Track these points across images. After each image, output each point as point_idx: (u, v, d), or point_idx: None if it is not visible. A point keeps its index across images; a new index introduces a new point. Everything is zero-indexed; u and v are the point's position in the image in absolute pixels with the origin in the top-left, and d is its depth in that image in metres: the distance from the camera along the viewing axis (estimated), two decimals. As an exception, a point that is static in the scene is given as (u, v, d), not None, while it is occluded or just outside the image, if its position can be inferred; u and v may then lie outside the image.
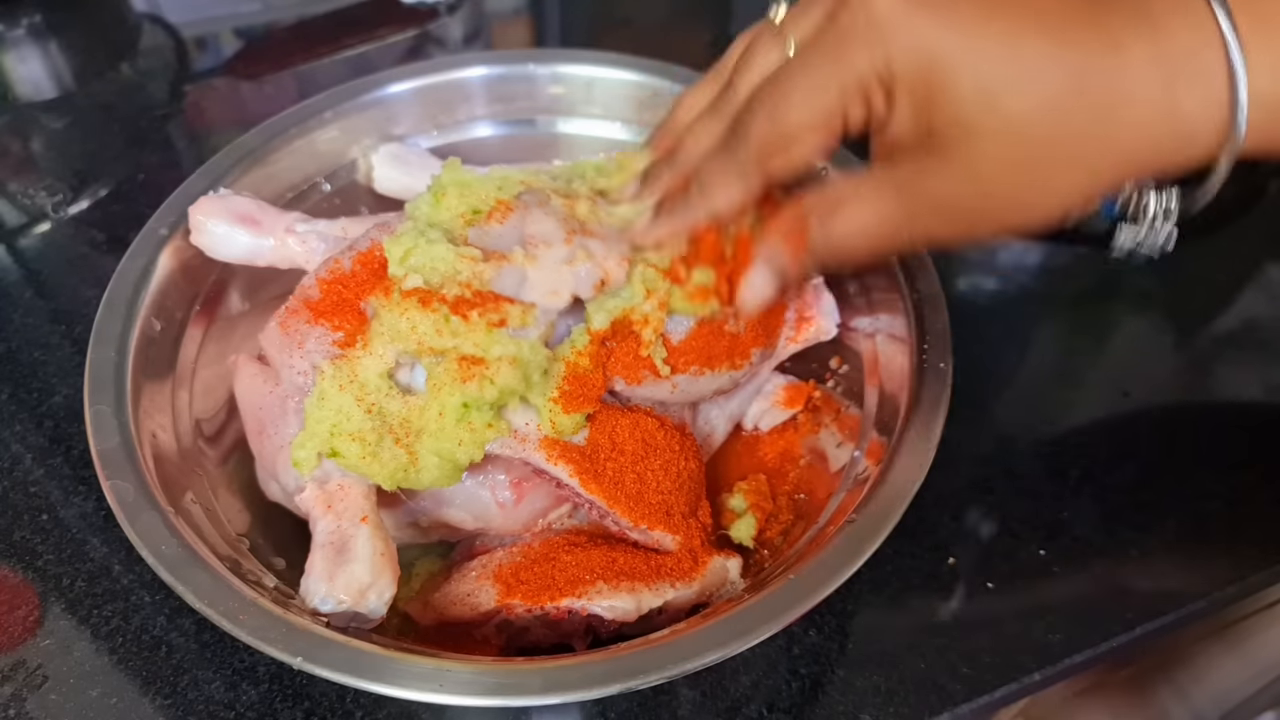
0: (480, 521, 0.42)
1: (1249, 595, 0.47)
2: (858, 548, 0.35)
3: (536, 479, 0.41)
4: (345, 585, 0.35)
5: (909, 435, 0.39)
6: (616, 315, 0.39)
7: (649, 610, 0.38)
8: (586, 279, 0.38)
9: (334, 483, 0.37)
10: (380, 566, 0.35)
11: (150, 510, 0.36)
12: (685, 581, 0.39)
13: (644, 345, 0.39)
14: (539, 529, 0.43)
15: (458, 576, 0.41)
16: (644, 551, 0.40)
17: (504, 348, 0.37)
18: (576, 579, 0.39)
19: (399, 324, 0.37)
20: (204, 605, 0.33)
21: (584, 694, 0.32)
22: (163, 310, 0.44)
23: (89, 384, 0.39)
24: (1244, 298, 0.61)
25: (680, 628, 0.35)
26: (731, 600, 0.37)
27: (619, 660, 0.33)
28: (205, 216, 0.44)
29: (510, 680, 0.32)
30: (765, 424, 0.48)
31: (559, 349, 0.39)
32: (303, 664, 0.31)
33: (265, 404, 0.40)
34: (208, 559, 0.35)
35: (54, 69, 0.75)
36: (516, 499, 0.41)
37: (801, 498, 0.45)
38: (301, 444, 0.38)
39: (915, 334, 0.43)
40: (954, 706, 0.41)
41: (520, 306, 0.38)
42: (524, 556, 0.40)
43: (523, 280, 0.38)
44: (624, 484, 0.40)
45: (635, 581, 0.39)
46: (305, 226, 0.44)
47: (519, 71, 0.56)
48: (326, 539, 0.36)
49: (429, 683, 0.32)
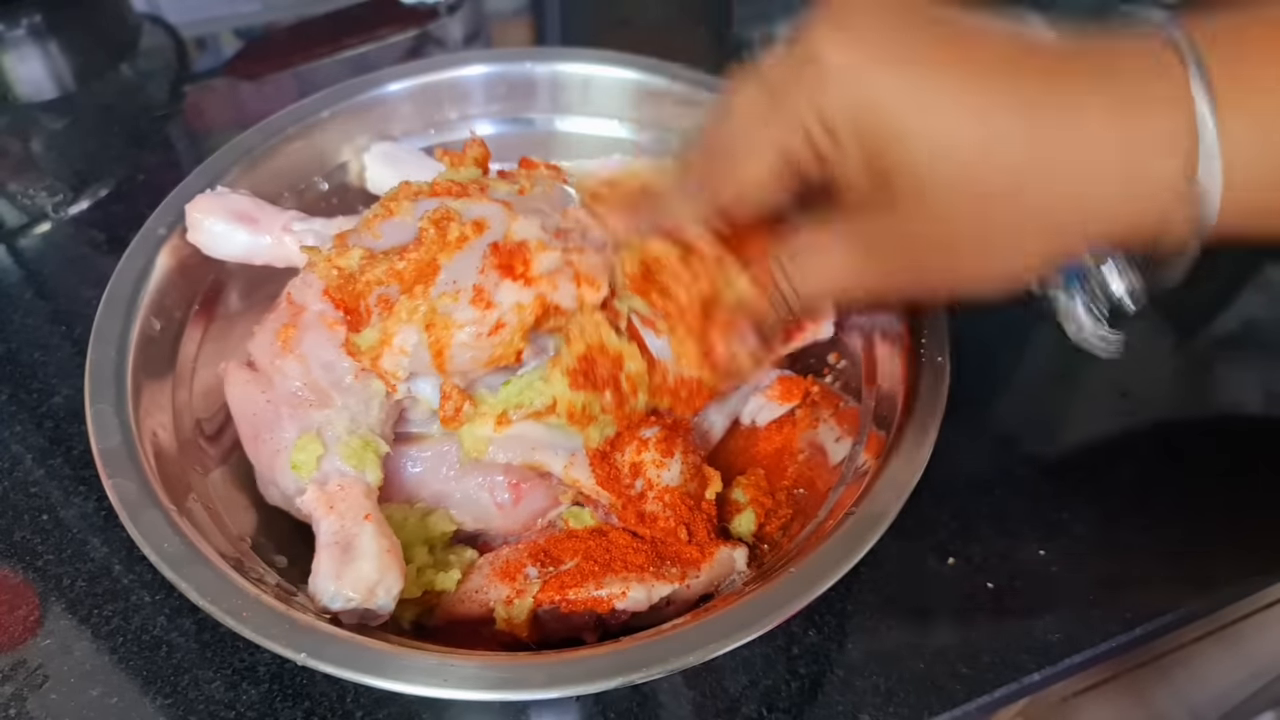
0: (480, 523, 0.42)
1: (1248, 595, 0.47)
2: (858, 541, 0.36)
3: (536, 480, 0.41)
4: (353, 583, 0.35)
5: (908, 429, 0.39)
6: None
7: (659, 600, 0.39)
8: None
9: (334, 483, 0.38)
10: (387, 563, 0.36)
11: (152, 508, 0.36)
12: (694, 571, 0.40)
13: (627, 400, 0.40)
14: (538, 528, 0.43)
15: (465, 574, 0.41)
16: (649, 542, 0.40)
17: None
18: (586, 572, 0.39)
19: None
20: (207, 603, 0.33)
21: (587, 687, 0.32)
22: (162, 310, 0.44)
23: (90, 383, 0.39)
24: (1244, 298, 0.62)
25: (681, 622, 0.35)
26: (733, 594, 0.37)
27: (621, 654, 0.33)
28: (202, 214, 0.44)
29: (513, 674, 0.32)
30: (762, 419, 0.48)
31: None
32: (306, 660, 0.32)
33: (259, 410, 0.40)
34: (210, 557, 0.35)
35: (54, 69, 0.75)
36: (515, 500, 0.41)
37: (801, 492, 0.45)
38: (301, 447, 0.38)
39: (913, 329, 0.43)
40: (954, 706, 0.41)
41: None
42: (530, 552, 0.41)
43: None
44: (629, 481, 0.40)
45: (644, 572, 0.39)
46: (302, 225, 0.44)
47: (517, 70, 0.56)
48: (331, 539, 0.36)
49: (432, 677, 0.32)
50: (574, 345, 0.38)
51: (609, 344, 0.39)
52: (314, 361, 0.40)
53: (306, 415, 0.39)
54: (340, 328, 0.40)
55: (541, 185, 0.44)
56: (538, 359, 0.40)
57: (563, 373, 0.38)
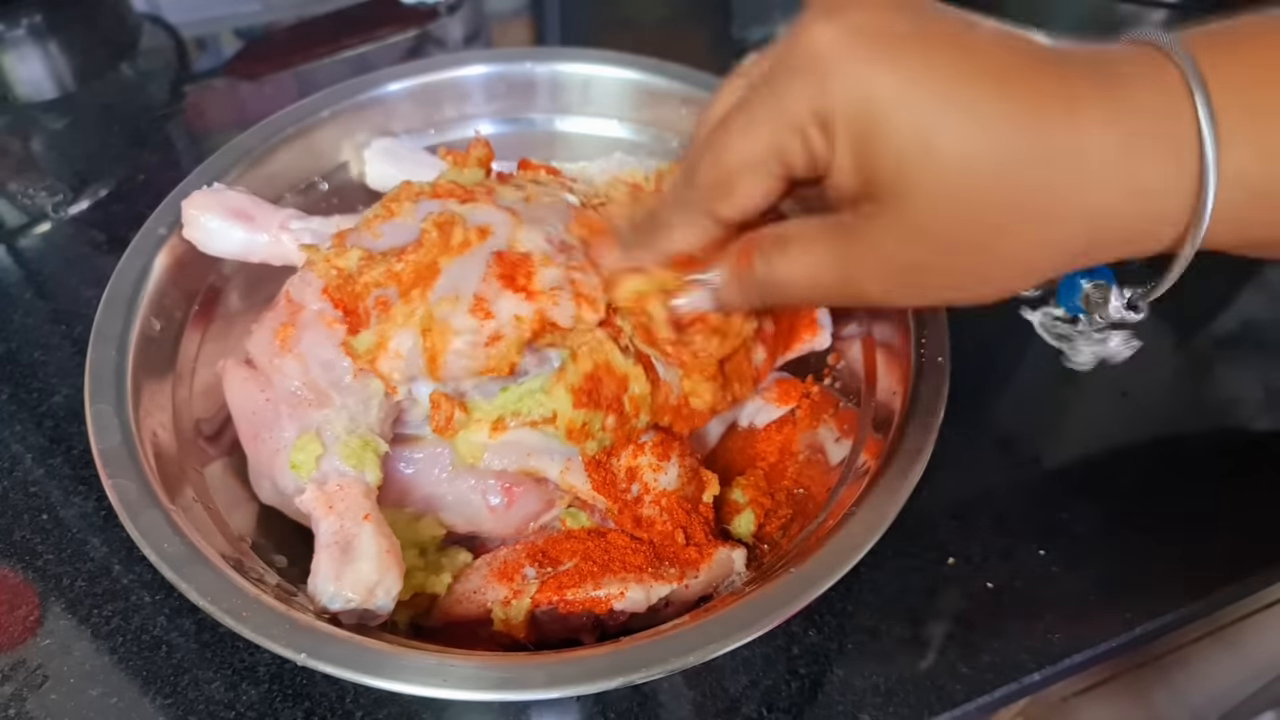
0: (472, 525, 0.42)
1: (1247, 595, 0.47)
2: (859, 541, 0.35)
3: (529, 483, 0.41)
4: (353, 583, 0.35)
5: (909, 429, 0.39)
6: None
7: (658, 601, 0.39)
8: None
9: (333, 483, 0.38)
10: (386, 563, 0.36)
11: (152, 508, 0.36)
12: (692, 571, 0.40)
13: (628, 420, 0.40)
14: (530, 531, 0.43)
15: (463, 575, 0.41)
16: (648, 543, 0.40)
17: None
18: (584, 572, 0.39)
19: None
20: (207, 603, 0.33)
21: (587, 687, 0.32)
22: (162, 309, 0.44)
23: (89, 383, 0.39)
24: (1244, 298, 0.62)
25: (681, 622, 0.35)
26: (734, 594, 0.37)
27: (620, 654, 0.33)
28: (198, 210, 0.44)
29: (513, 675, 0.32)
30: (760, 420, 0.48)
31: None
32: (306, 660, 0.32)
33: (258, 409, 0.40)
34: (210, 557, 0.35)
35: (54, 69, 0.75)
36: (508, 503, 0.41)
37: (800, 492, 0.45)
38: (301, 447, 0.38)
39: (913, 329, 0.43)
40: (954, 706, 0.41)
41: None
42: (528, 553, 0.40)
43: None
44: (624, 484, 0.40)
45: (642, 573, 0.39)
46: (299, 223, 0.44)
47: (517, 70, 0.56)
48: (331, 539, 0.36)
49: (432, 677, 0.32)
50: (581, 363, 0.38)
51: (616, 365, 0.38)
52: (312, 360, 0.40)
53: (305, 415, 0.39)
54: (340, 326, 0.40)
55: (548, 194, 0.44)
56: (539, 369, 0.39)
57: (566, 390, 0.38)
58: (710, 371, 0.40)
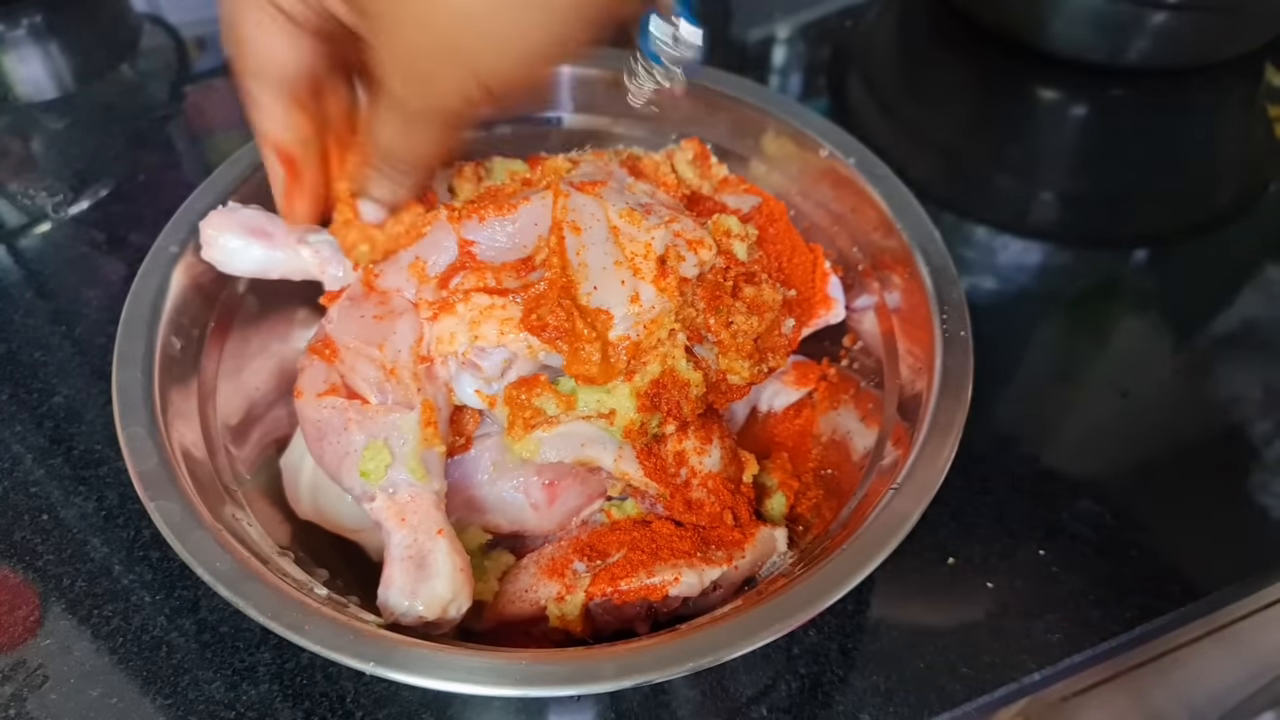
0: (515, 524, 0.42)
1: (1247, 595, 0.47)
2: (905, 515, 0.36)
3: (569, 479, 0.41)
4: (428, 601, 0.35)
5: (943, 402, 0.40)
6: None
7: (709, 584, 0.39)
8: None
9: (404, 494, 0.37)
10: (460, 581, 0.36)
11: (198, 529, 0.35)
12: (739, 553, 0.40)
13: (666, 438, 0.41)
14: (574, 526, 0.43)
15: (511, 575, 0.41)
16: (691, 529, 0.41)
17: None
18: (635, 562, 0.39)
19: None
20: (268, 619, 0.33)
21: (657, 675, 0.33)
22: (180, 328, 0.43)
23: (118, 407, 0.39)
24: (1244, 298, 0.62)
25: (747, 602, 0.36)
26: (783, 576, 0.37)
27: (687, 641, 0.33)
28: (217, 231, 0.43)
29: (584, 668, 0.33)
30: (778, 404, 0.49)
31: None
32: (375, 669, 0.32)
33: (323, 418, 0.40)
34: (262, 573, 0.35)
35: (54, 69, 0.75)
36: (550, 500, 0.41)
37: (828, 473, 0.46)
38: (370, 456, 0.37)
39: (934, 305, 0.43)
40: (954, 706, 0.42)
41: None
42: (574, 548, 0.41)
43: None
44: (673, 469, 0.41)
45: (692, 557, 0.39)
46: (317, 236, 0.44)
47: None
48: (404, 552, 0.36)
49: (505, 677, 0.32)
50: (651, 368, 0.39)
51: (680, 371, 0.39)
52: (391, 351, 0.40)
53: (374, 421, 0.39)
54: (426, 316, 0.40)
55: (590, 164, 0.45)
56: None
57: (632, 393, 0.39)
58: (748, 349, 0.41)
